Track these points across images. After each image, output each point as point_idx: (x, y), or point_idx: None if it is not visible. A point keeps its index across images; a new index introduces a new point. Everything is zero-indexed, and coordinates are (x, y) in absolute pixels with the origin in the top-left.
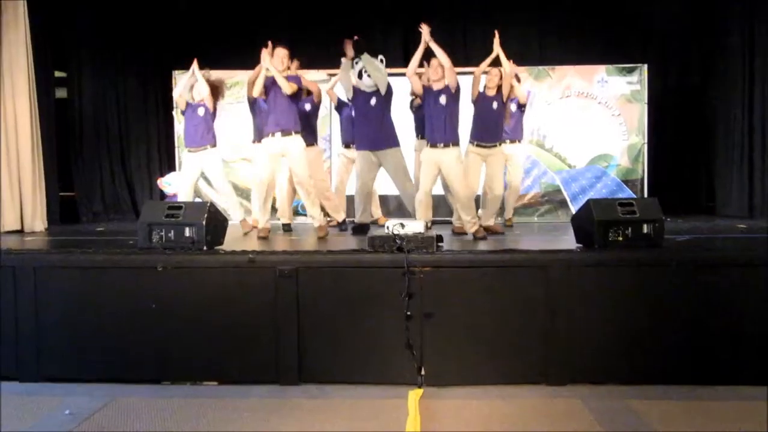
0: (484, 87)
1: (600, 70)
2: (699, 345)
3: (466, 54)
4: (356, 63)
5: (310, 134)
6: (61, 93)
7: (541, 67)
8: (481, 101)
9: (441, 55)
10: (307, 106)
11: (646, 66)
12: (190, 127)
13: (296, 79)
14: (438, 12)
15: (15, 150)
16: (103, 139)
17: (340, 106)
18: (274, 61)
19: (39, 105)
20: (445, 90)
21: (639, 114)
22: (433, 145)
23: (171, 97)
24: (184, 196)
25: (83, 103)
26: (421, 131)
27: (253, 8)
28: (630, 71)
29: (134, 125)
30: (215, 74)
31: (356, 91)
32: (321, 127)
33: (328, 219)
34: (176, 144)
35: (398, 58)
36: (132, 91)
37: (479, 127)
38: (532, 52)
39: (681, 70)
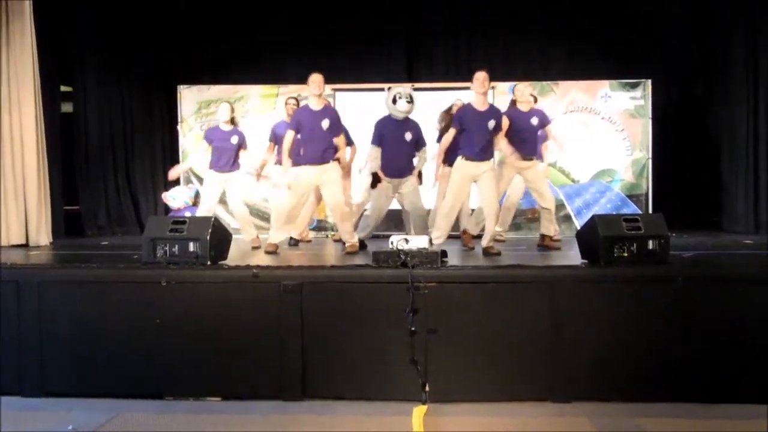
0: (517, 102)
1: (603, 86)
2: (706, 362)
3: (470, 69)
4: (389, 89)
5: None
6: (66, 107)
7: (544, 83)
8: (517, 116)
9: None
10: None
11: (650, 81)
12: (220, 152)
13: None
14: (442, 27)
15: (21, 164)
16: (108, 152)
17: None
18: (311, 88)
19: (45, 119)
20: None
21: (643, 129)
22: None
23: (176, 112)
24: (207, 212)
25: (89, 117)
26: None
27: (258, 24)
28: (633, 86)
29: (139, 139)
30: (220, 88)
31: (389, 121)
32: None
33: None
34: (181, 158)
35: (402, 68)
36: (137, 106)
37: (516, 141)
38: (536, 67)
39: (685, 85)
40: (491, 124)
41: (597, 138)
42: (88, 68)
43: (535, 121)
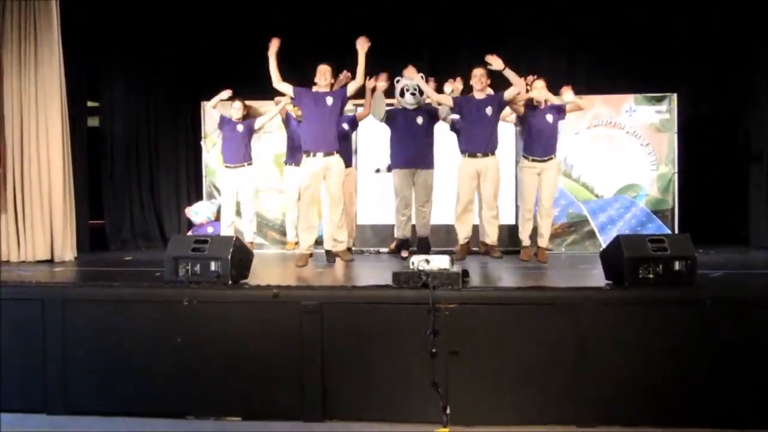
0: (531, 99)
1: (628, 100)
2: (735, 387)
3: (492, 83)
4: (397, 81)
5: (345, 155)
6: (93, 122)
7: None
8: (532, 114)
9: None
10: (345, 126)
11: (675, 95)
12: (229, 144)
13: (342, 91)
14: (465, 42)
15: (47, 180)
16: (132, 167)
17: (288, 119)
18: (317, 77)
19: (71, 134)
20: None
21: (668, 143)
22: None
23: (200, 127)
24: (229, 214)
25: (114, 132)
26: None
27: (282, 37)
28: (659, 100)
29: (164, 154)
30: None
31: (397, 110)
32: None
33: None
34: (204, 173)
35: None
36: (162, 121)
37: (533, 140)
38: (560, 81)
39: (711, 98)
40: (489, 110)
41: (622, 152)
42: (115, 84)
43: (550, 118)
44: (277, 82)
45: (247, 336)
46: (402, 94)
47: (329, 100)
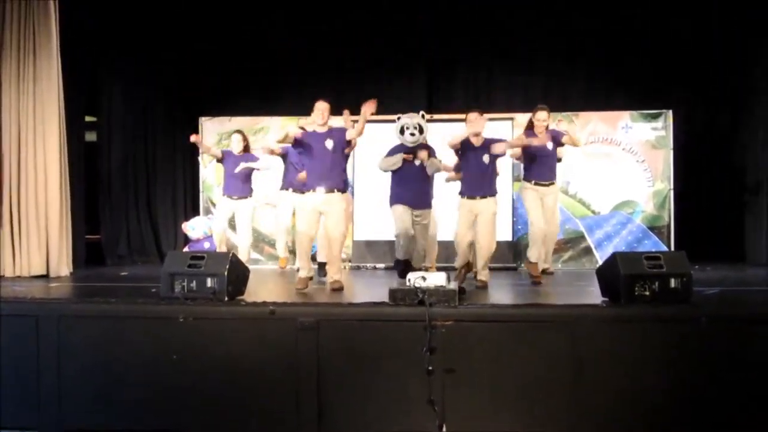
0: (533, 129)
1: (624, 116)
2: (731, 405)
3: (489, 99)
4: (398, 118)
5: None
6: (90, 136)
7: (565, 113)
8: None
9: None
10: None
11: (670, 112)
12: (231, 178)
13: (341, 134)
14: (462, 57)
15: (44, 195)
16: (130, 182)
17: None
18: (314, 115)
19: (69, 149)
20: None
21: (664, 160)
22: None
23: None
24: (219, 234)
25: (112, 147)
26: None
27: (279, 57)
28: (655, 117)
29: (161, 169)
30: (241, 120)
31: (397, 148)
32: None
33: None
34: (201, 188)
35: (422, 99)
36: (160, 136)
37: (533, 165)
38: (557, 97)
39: (706, 115)
40: (486, 158)
41: (618, 169)
42: (114, 99)
43: (550, 145)
44: (277, 142)
45: (243, 353)
46: (402, 132)
47: (329, 144)
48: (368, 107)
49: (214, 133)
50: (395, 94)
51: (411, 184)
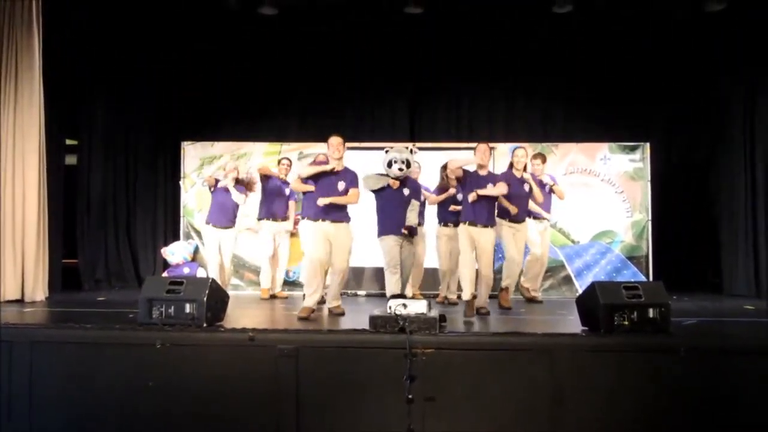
0: (513, 168)
1: (603, 148)
2: None
3: (471, 129)
4: (386, 152)
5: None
6: (71, 159)
7: (544, 144)
8: (511, 179)
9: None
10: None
11: (648, 144)
12: (220, 207)
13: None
14: (444, 87)
15: (21, 219)
16: (109, 206)
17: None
18: (330, 151)
19: (48, 172)
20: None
21: (642, 191)
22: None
23: (179, 167)
24: (215, 265)
25: (92, 170)
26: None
27: (261, 82)
28: (632, 149)
29: (141, 194)
30: (224, 145)
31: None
32: None
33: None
34: (182, 213)
35: (404, 128)
36: (141, 160)
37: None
38: (536, 128)
39: (683, 147)
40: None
41: (597, 199)
42: (95, 122)
43: (527, 187)
44: (299, 182)
45: (222, 380)
46: (389, 165)
47: (341, 186)
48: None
49: (196, 158)
50: (378, 122)
51: (396, 213)
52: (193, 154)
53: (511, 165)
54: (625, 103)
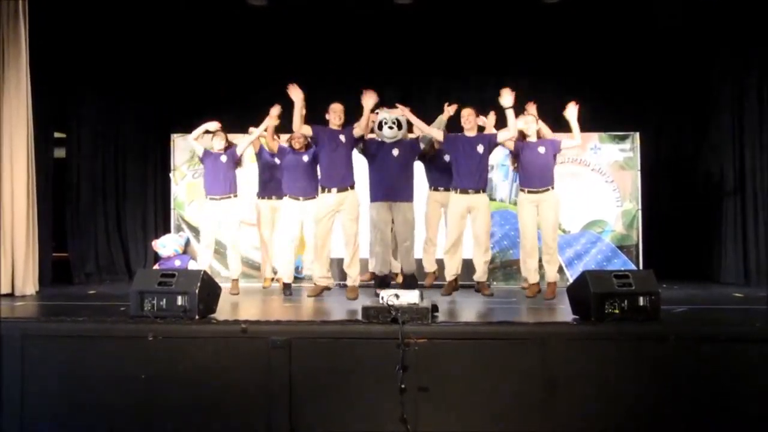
0: (523, 135)
1: (593, 138)
2: (700, 422)
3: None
4: (376, 113)
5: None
6: (59, 152)
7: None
8: (524, 147)
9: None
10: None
11: (638, 134)
12: (213, 176)
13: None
14: (433, 79)
15: (10, 212)
16: (99, 199)
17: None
18: (331, 116)
19: (37, 165)
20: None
21: (632, 180)
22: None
23: (169, 159)
24: (207, 246)
25: (81, 163)
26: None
27: (252, 75)
28: (622, 139)
29: (131, 186)
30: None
31: (373, 141)
32: None
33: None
34: (172, 206)
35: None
36: (130, 153)
37: (527, 172)
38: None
39: (673, 137)
40: (480, 148)
41: (587, 189)
42: (84, 115)
43: (542, 150)
44: (299, 126)
45: (215, 372)
46: (380, 127)
47: (342, 138)
48: (367, 99)
49: (186, 150)
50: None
51: (386, 174)
52: (183, 146)
53: (522, 135)
54: (615, 93)
